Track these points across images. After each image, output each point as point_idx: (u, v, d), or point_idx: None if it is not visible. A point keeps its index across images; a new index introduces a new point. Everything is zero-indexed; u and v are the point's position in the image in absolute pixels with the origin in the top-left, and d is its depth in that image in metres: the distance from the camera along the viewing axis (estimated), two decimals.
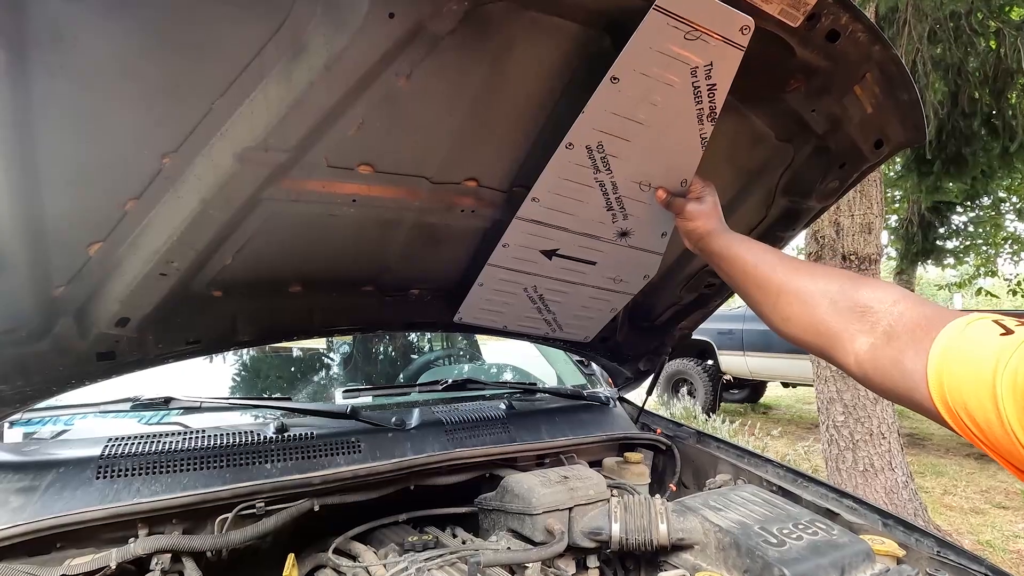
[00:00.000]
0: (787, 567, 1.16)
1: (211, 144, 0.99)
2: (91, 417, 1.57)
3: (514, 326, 1.65)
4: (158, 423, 1.57)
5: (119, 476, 1.29)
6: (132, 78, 0.88)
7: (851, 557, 1.25)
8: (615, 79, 1.03)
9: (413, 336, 2.75)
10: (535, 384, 2.29)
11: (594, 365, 2.36)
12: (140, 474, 1.30)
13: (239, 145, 1.00)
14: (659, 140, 1.14)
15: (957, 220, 10.40)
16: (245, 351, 2.25)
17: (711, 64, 1.03)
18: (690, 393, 8.10)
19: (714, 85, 1.07)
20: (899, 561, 1.33)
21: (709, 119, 1.12)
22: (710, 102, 1.09)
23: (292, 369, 2.44)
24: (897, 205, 9.96)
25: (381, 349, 2.61)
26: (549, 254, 1.38)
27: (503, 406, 1.88)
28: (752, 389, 8.99)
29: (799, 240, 8.51)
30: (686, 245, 1.25)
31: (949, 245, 10.57)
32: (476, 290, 1.48)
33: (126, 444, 1.37)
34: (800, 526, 1.33)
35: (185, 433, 1.45)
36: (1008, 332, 0.65)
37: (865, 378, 0.84)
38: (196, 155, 1.00)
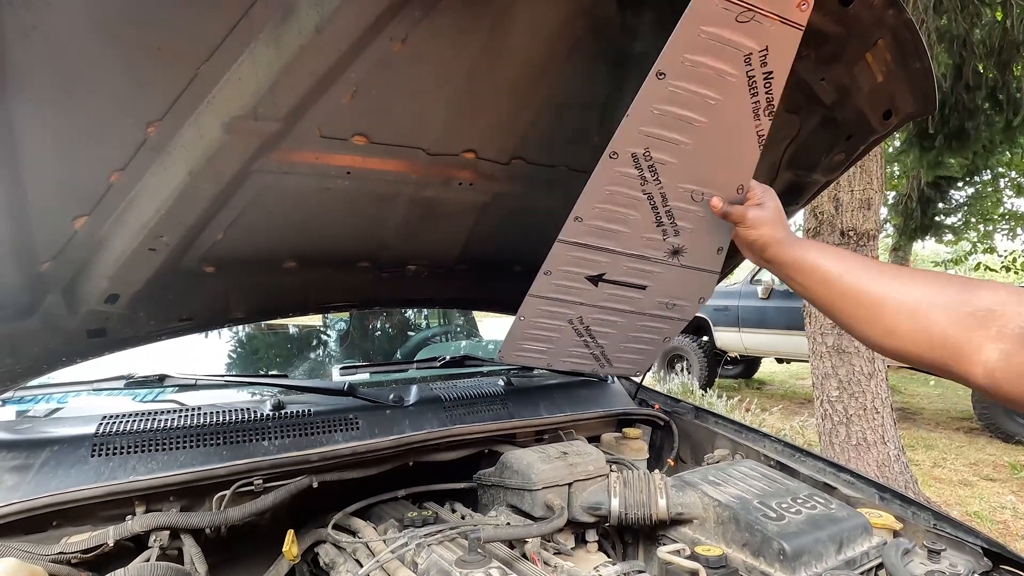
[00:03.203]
0: (786, 541, 1.17)
1: (198, 112, 0.94)
2: (84, 395, 1.55)
3: (559, 363, 1.49)
4: (153, 400, 1.55)
5: (115, 454, 1.27)
6: (112, 41, 0.83)
7: (849, 530, 1.26)
8: (661, 74, 0.92)
9: (410, 313, 2.73)
10: None
11: None
12: (136, 452, 1.29)
13: (227, 113, 0.95)
14: (711, 141, 1.02)
15: (956, 195, 10.37)
16: (240, 328, 2.23)
17: (766, 49, 0.93)
18: (686, 369, 8.16)
19: (770, 73, 0.95)
20: (896, 534, 1.34)
21: (767, 113, 1.00)
22: (767, 93, 0.97)
23: (288, 346, 2.43)
24: (896, 181, 9.91)
25: (378, 326, 2.60)
26: (595, 280, 1.24)
27: (501, 382, 1.87)
28: (747, 365, 9.05)
29: (797, 215, 8.47)
30: (748, 258, 1.13)
31: (948, 221, 10.56)
32: (516, 324, 1.34)
33: (121, 422, 1.36)
34: (799, 500, 1.34)
35: (181, 411, 1.44)
36: None
37: (996, 389, 0.76)
38: (182, 124, 0.96)
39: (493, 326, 2.93)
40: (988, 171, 8.91)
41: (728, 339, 7.93)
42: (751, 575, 1.19)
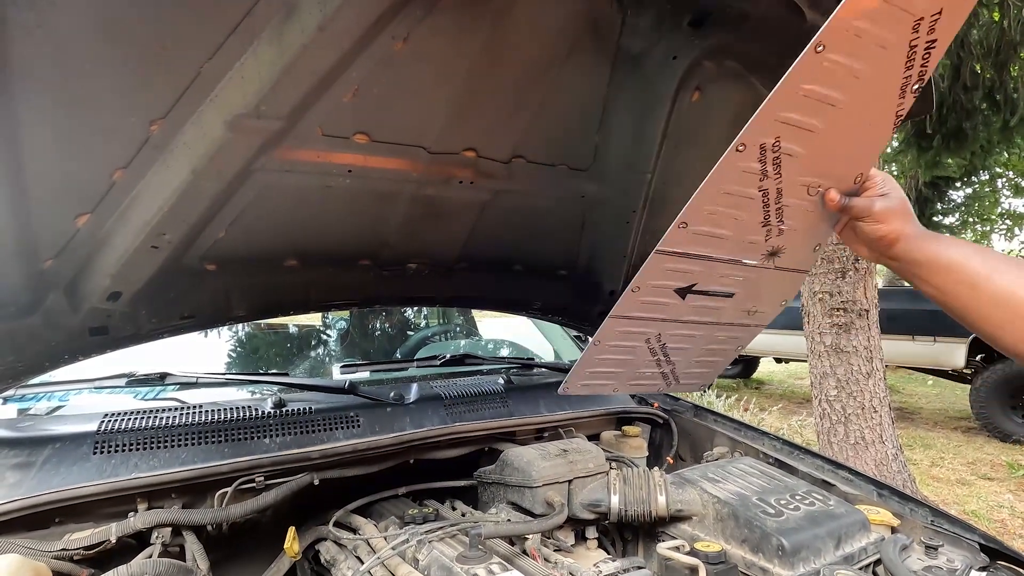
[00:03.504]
0: (785, 537, 1.17)
1: (200, 111, 0.95)
2: (86, 393, 1.55)
3: (626, 387, 1.37)
4: (154, 399, 1.56)
5: (116, 451, 1.28)
6: (115, 39, 0.84)
7: (847, 527, 1.27)
8: (820, 47, 0.81)
9: (410, 311, 2.74)
10: (533, 359, 2.28)
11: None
12: (138, 449, 1.29)
13: (230, 112, 0.96)
14: (845, 125, 0.91)
15: (954, 195, 10.39)
16: (241, 327, 2.23)
17: (939, 13, 0.81)
18: None
19: (933, 43, 0.84)
20: (894, 530, 1.35)
21: (914, 90, 0.89)
22: (922, 66, 0.87)
23: (289, 345, 2.43)
24: (895, 180, 9.90)
25: (378, 325, 2.60)
26: (684, 292, 1.11)
27: (501, 381, 1.87)
28: (745, 364, 9.07)
29: None
30: (864, 255, 1.02)
31: (946, 221, 10.58)
32: (590, 351, 1.19)
33: (123, 420, 1.36)
34: (797, 497, 1.34)
35: (182, 409, 1.44)
36: None
37: None
38: (185, 122, 0.96)
39: (493, 325, 2.94)
40: (986, 171, 8.93)
41: None
42: (750, 571, 1.20)
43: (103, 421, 1.34)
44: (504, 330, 2.84)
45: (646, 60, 1.14)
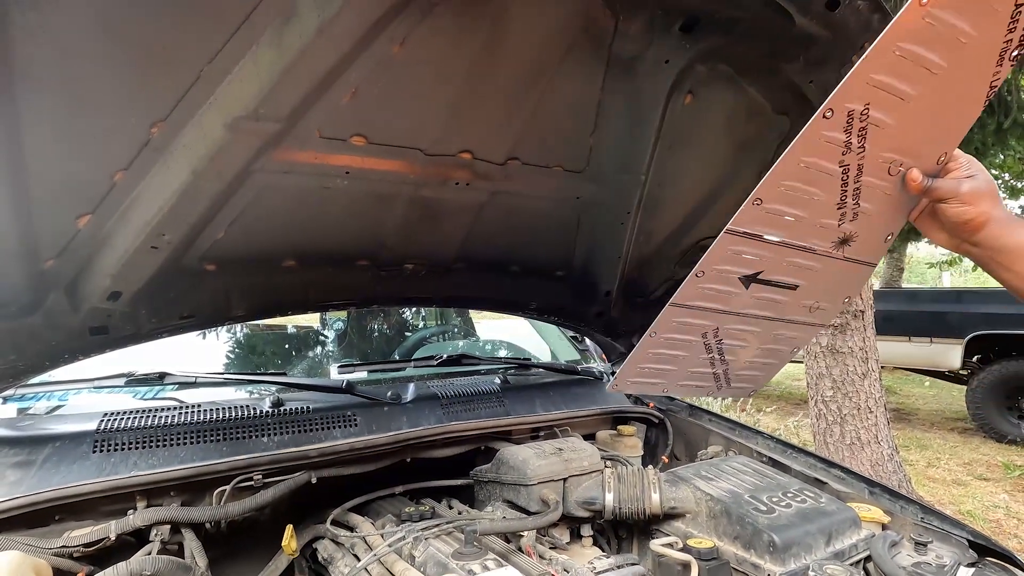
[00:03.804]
0: (776, 533, 1.19)
1: (201, 113, 0.97)
2: (85, 393, 1.56)
3: (676, 388, 1.28)
4: (153, 398, 1.57)
5: (116, 450, 1.29)
6: (117, 42, 0.86)
7: (838, 524, 1.28)
8: (923, 1, 0.73)
9: (408, 312, 2.75)
10: (530, 359, 2.30)
11: (588, 340, 2.37)
12: (137, 448, 1.30)
13: (230, 114, 0.98)
14: (943, 94, 0.83)
15: None
16: (239, 327, 2.24)
17: None
18: None
19: None
20: (884, 527, 1.37)
21: (1012, 57, 0.82)
22: None
23: (287, 346, 2.44)
24: None
25: (376, 325, 2.61)
26: (748, 280, 1.03)
27: (498, 380, 1.89)
28: None
29: None
30: (941, 242, 0.94)
31: None
32: (644, 343, 1.10)
33: (122, 419, 1.37)
34: (789, 494, 1.36)
35: (181, 408, 1.46)
36: None
37: None
38: (185, 124, 0.98)
39: (491, 326, 2.95)
40: None
41: None
42: (742, 567, 1.21)
43: (103, 420, 1.36)
44: (502, 331, 2.86)
45: (639, 64, 1.16)
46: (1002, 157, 7.59)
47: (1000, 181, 10.34)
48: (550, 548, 1.33)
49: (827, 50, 1.17)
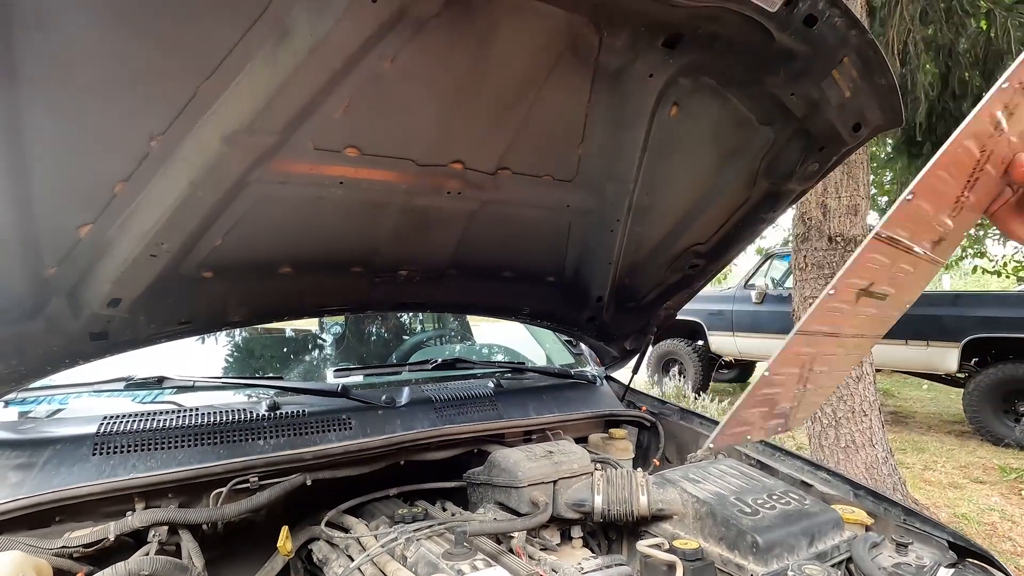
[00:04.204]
0: (760, 534, 1.22)
1: (198, 127, 1.00)
2: (85, 396, 1.59)
3: (758, 432, 1.10)
4: (152, 402, 1.60)
5: (115, 452, 1.32)
6: (118, 61, 0.89)
7: (821, 525, 1.31)
8: None
9: (404, 316, 2.78)
10: (524, 363, 2.33)
11: (582, 345, 2.40)
12: (136, 451, 1.33)
13: (226, 128, 1.01)
14: None
15: None
16: (236, 331, 2.28)
17: None
18: (680, 373, 8.21)
19: None
20: (867, 529, 1.40)
21: None
22: None
23: (284, 349, 2.47)
24: (888, 187, 9.99)
25: (372, 329, 2.64)
26: (860, 294, 0.89)
27: (491, 384, 1.92)
28: (741, 369, 9.11)
29: (786, 220, 8.52)
30: (1020, 237, 0.86)
31: None
32: (754, 392, 0.94)
33: (121, 422, 1.41)
34: (774, 496, 1.39)
35: (179, 411, 1.49)
36: None
37: None
38: (183, 138, 1.01)
39: (487, 330, 2.98)
40: None
41: (722, 343, 7.99)
42: (726, 567, 1.24)
43: (102, 423, 1.39)
44: (497, 335, 2.89)
45: (624, 77, 1.20)
46: None
47: None
48: (540, 549, 1.36)
49: (807, 64, 1.20)
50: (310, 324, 2.55)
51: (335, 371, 1.90)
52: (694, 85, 1.26)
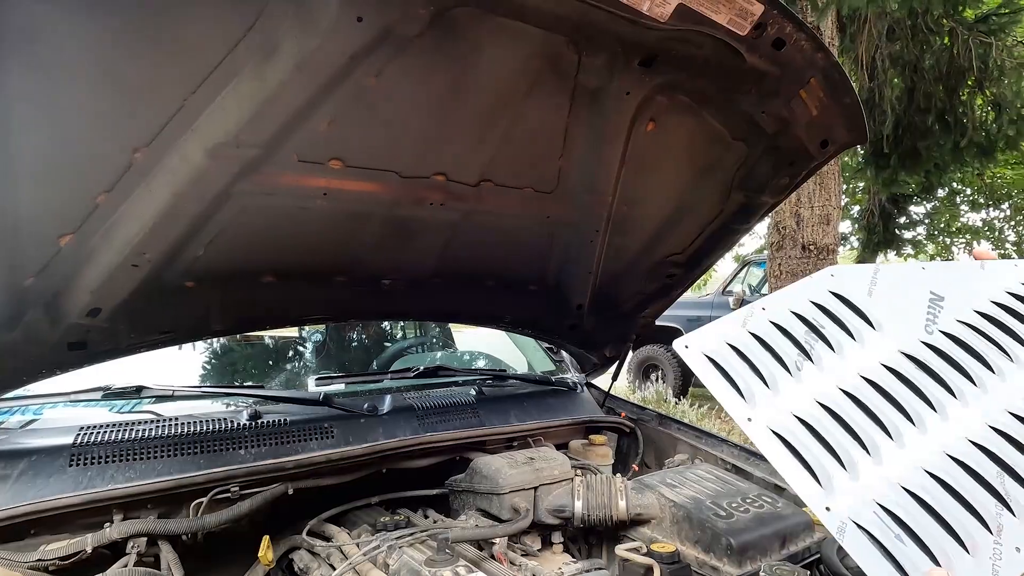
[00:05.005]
0: (733, 537, 1.26)
1: (182, 140, 1.01)
2: (61, 407, 1.57)
3: None
4: (130, 411, 1.58)
5: (92, 463, 1.31)
6: (104, 75, 0.90)
7: (792, 527, 1.36)
8: None
9: (387, 324, 2.79)
10: (505, 371, 2.35)
11: (563, 352, 2.43)
12: (114, 461, 1.32)
13: (210, 141, 1.02)
14: None
15: (916, 211, 10.82)
16: (217, 340, 2.26)
17: None
18: (661, 378, 8.30)
19: None
20: None
21: None
22: None
23: (266, 358, 2.46)
24: (859, 196, 10.29)
25: (354, 337, 2.64)
26: None
27: (473, 392, 1.94)
28: None
29: (760, 227, 8.70)
30: None
31: (908, 235, 11.00)
32: None
33: (98, 432, 1.39)
34: (748, 500, 1.43)
35: (158, 421, 1.47)
36: None
37: None
38: (167, 150, 1.02)
39: (469, 338, 3.00)
40: (944, 188, 9.33)
41: None
42: (702, 569, 1.28)
43: (79, 434, 1.37)
44: (480, 342, 2.90)
45: (602, 95, 1.24)
46: (960, 174, 7.91)
47: (961, 196, 10.77)
48: (521, 555, 1.38)
49: (776, 84, 1.26)
50: (291, 332, 2.54)
51: (317, 379, 1.90)
52: (670, 102, 1.31)
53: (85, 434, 1.38)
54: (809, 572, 1.17)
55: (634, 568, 1.25)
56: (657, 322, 2.13)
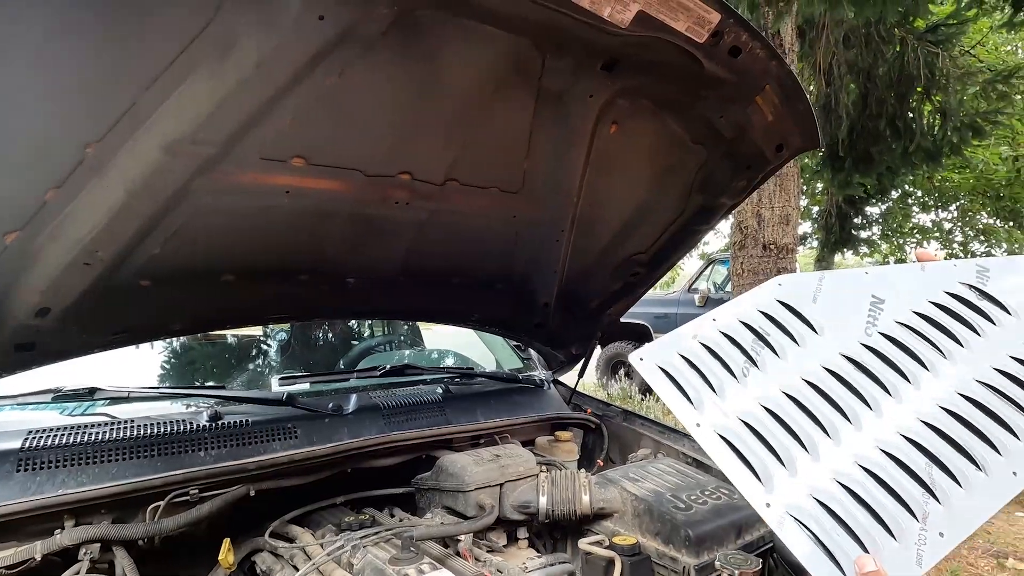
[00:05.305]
0: (691, 528, 1.30)
1: (137, 135, 0.98)
2: (8, 410, 1.51)
3: None
4: (83, 414, 1.53)
5: (42, 468, 1.26)
6: (52, 67, 0.87)
7: (747, 517, 1.41)
8: None
9: (353, 323, 2.76)
10: (473, 368, 2.36)
11: (531, 350, 2.46)
12: (64, 466, 1.28)
13: (166, 138, 1.00)
14: None
15: (871, 211, 11.27)
16: (177, 339, 2.19)
17: None
18: (627, 375, 8.43)
19: None
20: None
21: None
22: None
23: (227, 357, 2.40)
24: (819, 197, 10.66)
25: (320, 336, 2.61)
26: None
27: (440, 390, 1.94)
28: None
29: (725, 226, 8.92)
30: None
31: (864, 234, 11.44)
32: None
33: (48, 436, 1.34)
34: (706, 492, 1.48)
35: (112, 424, 1.43)
36: None
37: None
38: (121, 146, 0.99)
39: (437, 336, 2.99)
40: (896, 190, 9.75)
41: None
42: (662, 560, 1.32)
43: (28, 438, 1.32)
44: (448, 340, 2.90)
45: (566, 97, 1.26)
46: (912, 177, 8.28)
47: (913, 198, 11.27)
48: (487, 551, 1.40)
49: (733, 90, 1.30)
50: (254, 331, 2.49)
51: (280, 379, 1.87)
52: (632, 106, 1.34)
53: (34, 438, 1.33)
54: (762, 560, 1.22)
55: (596, 561, 1.28)
56: (625, 319, 2.16)
